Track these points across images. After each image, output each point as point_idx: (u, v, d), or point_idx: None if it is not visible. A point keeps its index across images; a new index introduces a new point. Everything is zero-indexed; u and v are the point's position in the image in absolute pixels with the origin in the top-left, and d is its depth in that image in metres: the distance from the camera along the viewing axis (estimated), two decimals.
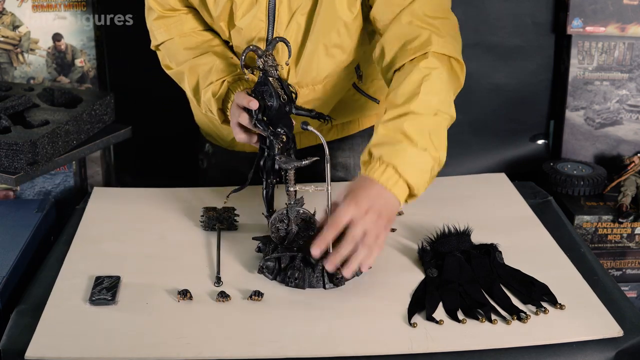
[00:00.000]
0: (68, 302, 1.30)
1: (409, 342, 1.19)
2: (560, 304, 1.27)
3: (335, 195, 1.32)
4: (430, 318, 1.24)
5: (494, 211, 1.62)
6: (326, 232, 1.27)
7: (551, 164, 2.03)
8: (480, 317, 1.24)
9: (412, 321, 1.23)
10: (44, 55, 2.01)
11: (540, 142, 2.23)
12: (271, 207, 1.47)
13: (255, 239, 1.46)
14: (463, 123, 2.20)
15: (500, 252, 1.42)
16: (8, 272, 1.42)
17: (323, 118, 1.50)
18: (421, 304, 1.28)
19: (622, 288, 1.44)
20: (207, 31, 1.62)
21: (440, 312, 1.27)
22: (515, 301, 1.29)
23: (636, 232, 1.86)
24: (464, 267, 1.37)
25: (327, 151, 1.32)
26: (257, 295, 1.30)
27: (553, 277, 1.35)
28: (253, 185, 1.59)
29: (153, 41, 1.65)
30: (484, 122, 2.21)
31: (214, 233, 1.53)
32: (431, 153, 1.31)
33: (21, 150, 1.60)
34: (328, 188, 1.32)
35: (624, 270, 1.89)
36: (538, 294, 1.30)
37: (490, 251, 1.41)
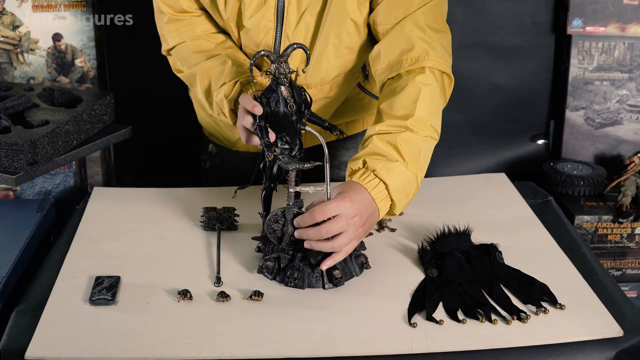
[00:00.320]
0: (68, 302, 1.30)
1: (409, 342, 1.19)
2: (560, 304, 1.27)
3: (333, 195, 1.32)
4: (430, 318, 1.24)
5: (494, 211, 1.62)
6: (313, 214, 1.29)
7: (551, 164, 2.03)
8: (480, 317, 1.24)
9: (412, 321, 1.23)
10: (44, 55, 2.01)
11: (540, 142, 2.23)
12: (267, 208, 1.47)
13: (255, 239, 1.46)
14: (463, 123, 2.20)
15: (500, 252, 1.42)
16: (8, 272, 1.42)
17: (335, 130, 1.47)
18: (421, 304, 1.28)
19: (622, 288, 1.44)
20: (220, 34, 1.59)
21: (440, 312, 1.27)
22: (515, 301, 1.29)
23: (636, 232, 1.86)
24: (464, 267, 1.37)
25: (327, 152, 1.32)
26: (257, 295, 1.30)
27: (553, 277, 1.35)
28: (254, 185, 1.58)
29: (164, 45, 1.62)
30: (484, 122, 2.20)
31: (214, 233, 1.53)
32: (418, 178, 1.36)
33: (21, 150, 1.60)
34: (328, 188, 1.32)
35: (624, 270, 1.89)
36: (538, 294, 1.30)
37: (490, 251, 1.41)
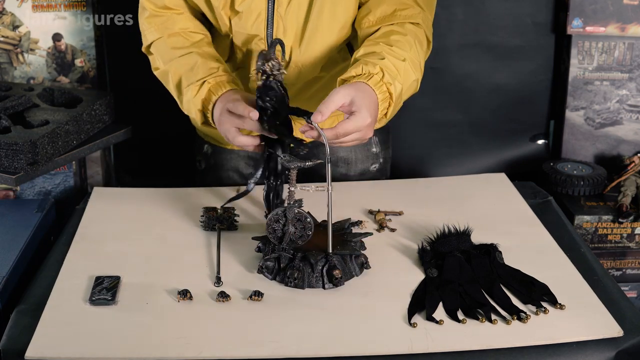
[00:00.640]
0: (68, 302, 1.30)
1: (409, 342, 1.19)
2: (560, 304, 1.27)
3: (334, 195, 1.32)
4: (430, 318, 1.24)
5: (494, 211, 1.62)
6: (336, 133, 1.32)
7: (551, 164, 2.03)
8: (480, 317, 1.24)
9: (412, 321, 1.23)
10: (44, 55, 2.01)
11: (540, 142, 2.23)
12: (270, 208, 1.47)
13: (255, 239, 1.46)
14: (463, 123, 2.20)
15: (500, 252, 1.42)
16: (8, 272, 1.42)
17: (304, 115, 1.41)
18: (421, 304, 1.28)
19: (622, 288, 1.44)
20: (197, 33, 1.59)
21: (440, 312, 1.26)
22: (515, 301, 1.29)
23: (636, 232, 1.86)
24: (464, 267, 1.37)
25: (328, 150, 1.32)
26: (257, 295, 1.30)
27: (553, 277, 1.35)
28: (258, 184, 1.58)
29: (144, 41, 1.61)
30: (484, 122, 2.20)
31: (214, 233, 1.53)
32: (416, 74, 1.44)
33: (21, 150, 1.60)
34: (329, 188, 1.32)
35: (624, 270, 1.89)
36: (538, 294, 1.30)
37: (490, 251, 1.41)
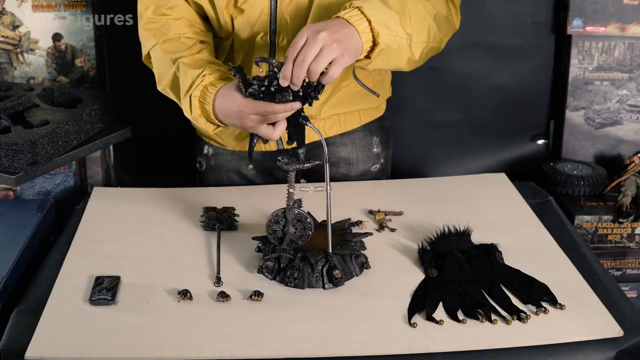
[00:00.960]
0: (68, 302, 1.30)
1: (409, 342, 1.19)
2: (560, 304, 1.27)
3: (334, 195, 1.32)
4: (430, 318, 1.24)
5: (494, 211, 1.62)
6: (287, 55, 1.30)
7: (551, 164, 2.02)
8: (480, 317, 1.24)
9: (412, 321, 1.23)
10: (44, 55, 2.01)
11: (540, 142, 2.23)
12: (250, 155, 1.50)
13: (255, 239, 1.46)
14: (463, 123, 2.20)
15: (500, 252, 1.42)
16: (8, 272, 1.42)
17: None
18: (421, 304, 1.28)
19: (622, 288, 1.44)
20: (190, 39, 1.58)
21: (440, 312, 1.26)
22: (515, 301, 1.29)
23: (636, 232, 1.86)
24: (464, 267, 1.37)
25: (326, 151, 1.32)
26: (257, 295, 1.30)
27: (553, 277, 1.35)
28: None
29: (143, 51, 1.60)
30: (484, 122, 2.20)
31: (214, 233, 1.53)
32: (401, 19, 1.38)
33: (21, 150, 1.60)
34: (327, 188, 1.32)
35: (624, 270, 1.89)
36: (538, 294, 1.30)
37: (490, 251, 1.41)
